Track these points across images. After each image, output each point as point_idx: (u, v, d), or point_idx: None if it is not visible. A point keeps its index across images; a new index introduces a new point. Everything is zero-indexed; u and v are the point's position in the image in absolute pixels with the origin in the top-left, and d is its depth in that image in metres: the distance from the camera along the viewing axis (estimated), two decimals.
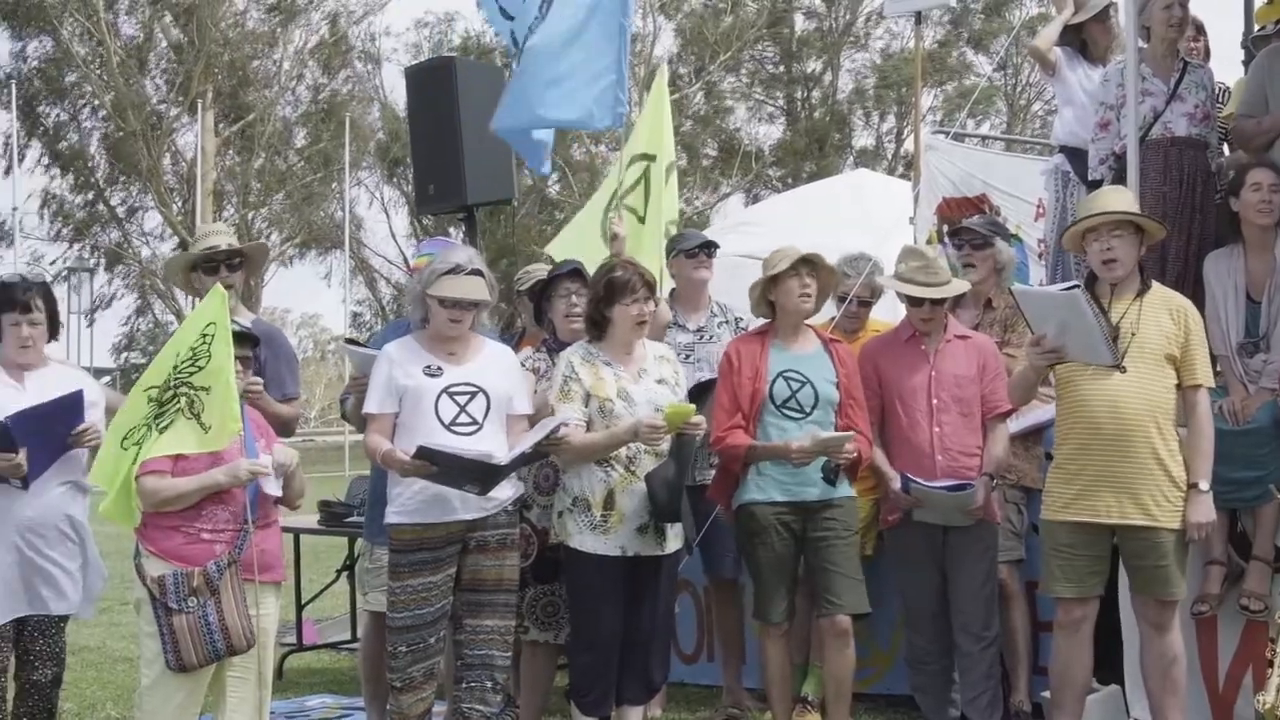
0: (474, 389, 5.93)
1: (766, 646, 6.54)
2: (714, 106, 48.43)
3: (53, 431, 6.10)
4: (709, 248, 7.55)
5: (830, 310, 7.42)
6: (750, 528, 6.45)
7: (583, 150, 44.80)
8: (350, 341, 7.44)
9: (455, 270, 5.93)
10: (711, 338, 7.34)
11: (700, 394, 6.61)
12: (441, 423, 5.83)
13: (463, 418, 5.87)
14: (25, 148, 45.41)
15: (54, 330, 6.39)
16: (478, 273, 6.00)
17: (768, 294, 6.54)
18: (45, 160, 46.69)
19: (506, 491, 5.99)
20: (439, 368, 5.93)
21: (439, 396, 5.88)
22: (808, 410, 6.40)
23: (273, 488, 5.74)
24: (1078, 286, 5.94)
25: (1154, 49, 7.41)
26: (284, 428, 6.66)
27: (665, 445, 6.10)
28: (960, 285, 6.67)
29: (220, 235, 7.03)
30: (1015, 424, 6.71)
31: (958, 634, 6.46)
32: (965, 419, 6.48)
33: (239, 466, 5.51)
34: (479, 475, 5.78)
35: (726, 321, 7.48)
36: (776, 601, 6.44)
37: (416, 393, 5.89)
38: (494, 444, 5.85)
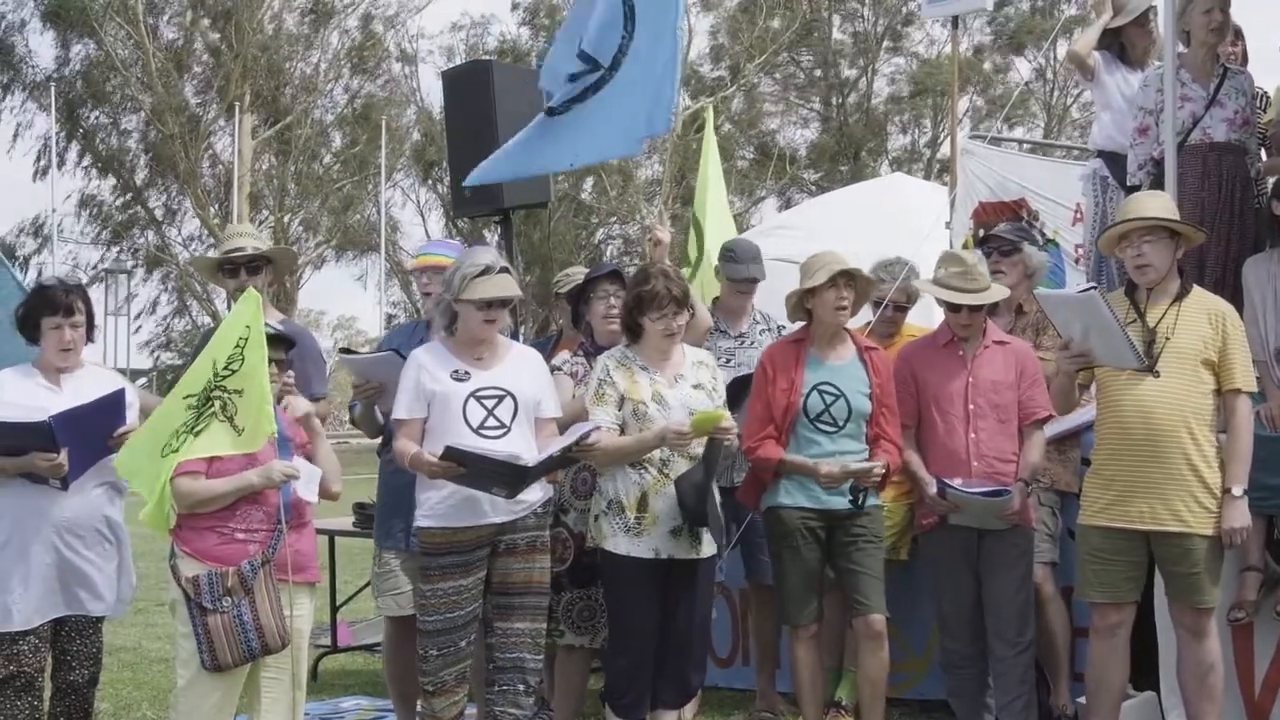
0: (502, 392, 5.95)
1: (796, 650, 6.54)
2: (752, 110, 48.43)
3: (93, 432, 6.14)
4: (754, 282, 7.54)
5: (866, 314, 7.41)
6: (777, 531, 6.47)
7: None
8: (345, 351, 7.44)
9: (485, 272, 5.95)
10: (753, 344, 7.33)
11: (739, 390, 6.62)
12: (469, 426, 5.85)
13: (490, 421, 5.89)
14: (65, 150, 45.80)
15: (90, 333, 6.44)
16: (505, 270, 6.03)
17: (805, 301, 6.55)
18: (85, 163, 47.05)
19: (535, 494, 6.01)
20: (466, 372, 5.96)
21: (466, 400, 5.90)
22: (840, 424, 6.40)
23: (307, 493, 5.76)
24: (1094, 288, 5.91)
25: (1193, 54, 7.37)
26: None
27: (700, 448, 6.11)
28: (999, 291, 6.63)
29: (244, 238, 7.03)
30: (1052, 427, 6.67)
31: (992, 639, 6.43)
32: (1002, 425, 6.45)
33: (272, 468, 5.53)
34: (507, 477, 5.78)
35: (769, 329, 7.48)
36: (804, 605, 6.45)
37: (444, 397, 5.91)
38: (522, 447, 5.86)
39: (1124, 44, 8.41)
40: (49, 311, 6.24)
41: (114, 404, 6.20)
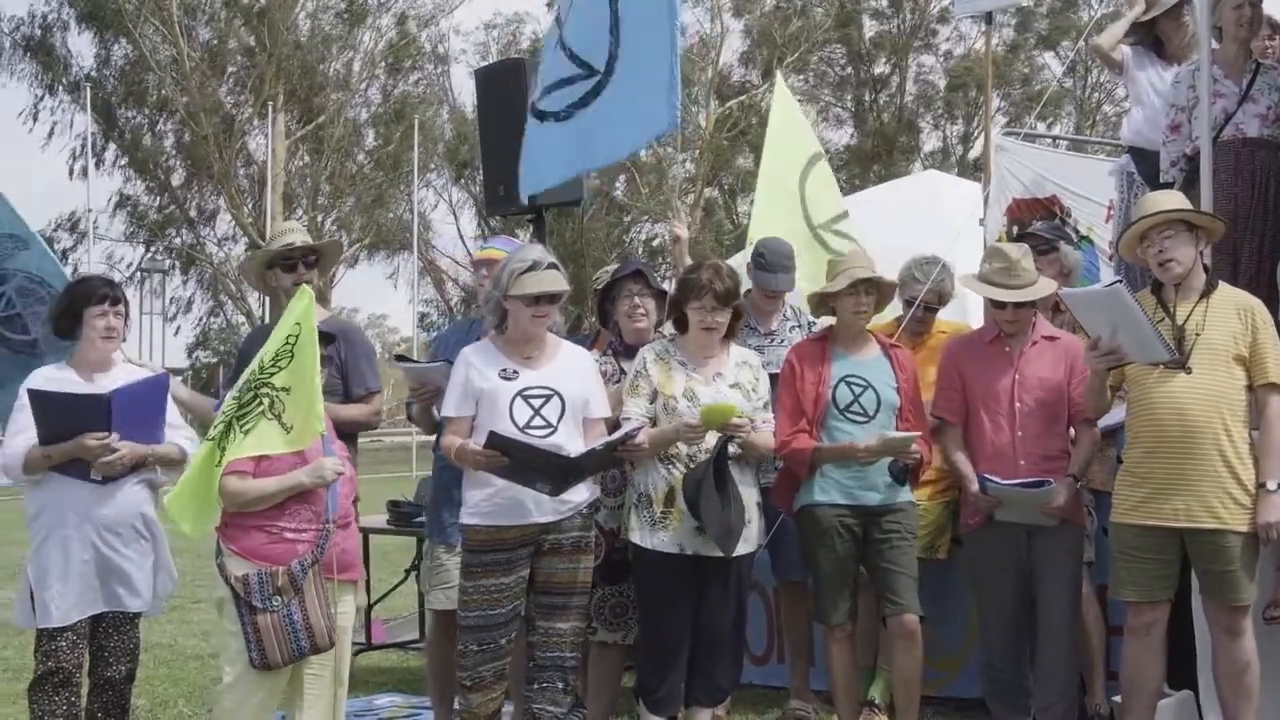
0: (549, 392, 5.96)
1: (830, 648, 6.55)
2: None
3: (141, 416, 6.17)
4: (779, 293, 7.52)
5: (897, 308, 7.40)
6: (812, 529, 6.46)
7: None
8: (399, 358, 7.45)
9: (533, 268, 5.96)
10: (783, 341, 7.30)
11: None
12: (516, 425, 5.85)
13: (537, 420, 5.90)
14: (102, 150, 46.13)
15: (125, 329, 6.48)
16: (553, 266, 6.04)
17: (827, 300, 6.57)
18: (121, 162, 47.35)
19: (581, 495, 6.02)
20: (514, 371, 5.97)
21: (514, 399, 5.91)
22: (871, 414, 6.41)
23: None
24: (1120, 282, 5.87)
25: (1226, 49, 7.34)
26: (362, 427, 6.72)
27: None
28: (1045, 287, 6.53)
29: (296, 233, 7.06)
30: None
31: (1043, 638, 6.34)
32: (1049, 423, 6.38)
33: (322, 466, 5.54)
34: (551, 471, 5.79)
35: (799, 325, 7.44)
36: (838, 603, 6.45)
37: (492, 395, 5.93)
38: (568, 445, 5.87)
39: (1159, 38, 8.36)
40: (93, 300, 6.28)
41: (161, 386, 6.28)
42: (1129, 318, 5.68)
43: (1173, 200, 6.04)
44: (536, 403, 5.93)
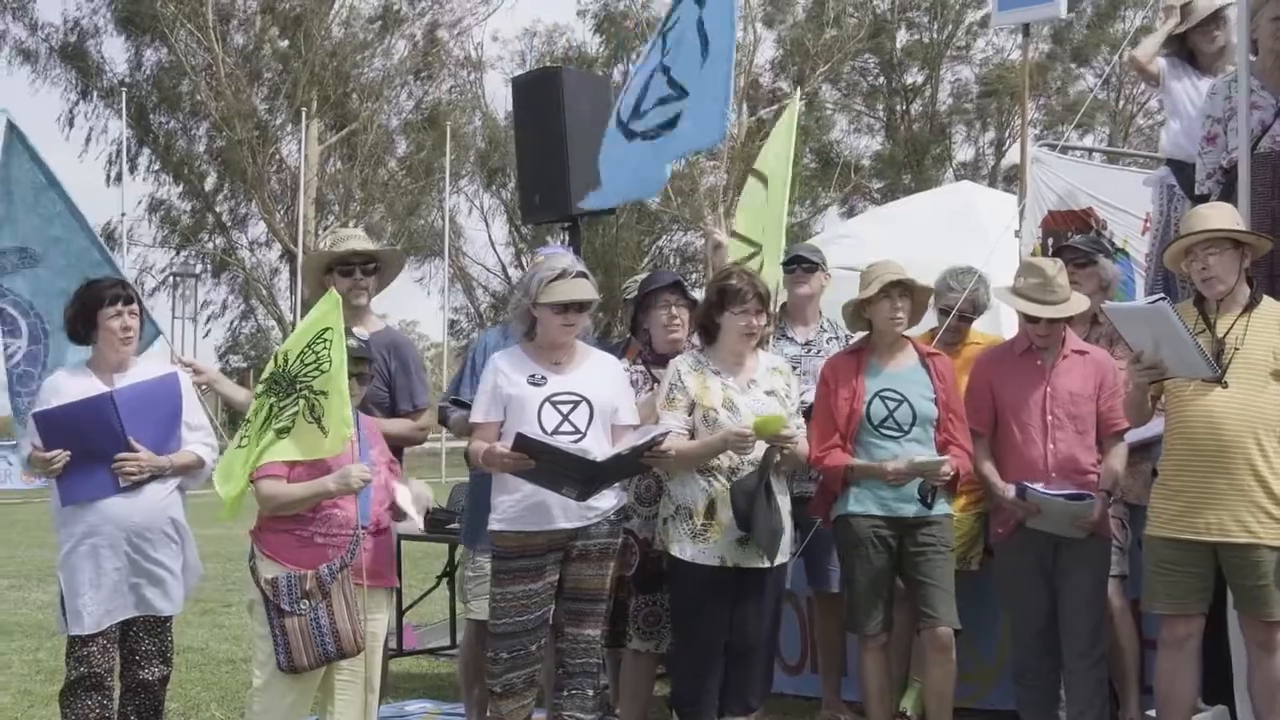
0: (577, 398, 5.98)
1: (864, 658, 6.54)
2: (814, 119, 48.41)
3: (154, 416, 6.20)
4: (800, 262, 7.51)
5: (931, 320, 7.39)
6: (847, 540, 6.47)
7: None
8: (455, 403, 7.19)
9: (562, 276, 5.99)
10: (819, 352, 7.29)
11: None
12: (544, 431, 5.86)
13: (565, 426, 5.91)
14: (136, 155, 46.40)
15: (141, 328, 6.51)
16: (582, 274, 6.07)
17: (862, 311, 6.56)
18: (155, 167, 47.60)
19: (609, 501, 6.03)
20: (543, 377, 5.99)
21: (542, 405, 5.93)
22: (905, 429, 6.40)
23: (411, 511, 5.83)
24: (1164, 299, 5.85)
25: (1262, 61, 7.28)
26: (407, 442, 6.71)
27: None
28: (1079, 303, 6.52)
29: (357, 239, 7.07)
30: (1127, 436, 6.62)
31: (1066, 650, 6.36)
32: (1080, 436, 6.38)
33: (349, 474, 5.55)
34: (577, 476, 5.80)
35: (835, 337, 7.42)
36: (872, 613, 6.44)
37: (520, 401, 5.94)
38: (595, 451, 5.86)
39: (1191, 52, 8.33)
40: (106, 303, 6.30)
41: (171, 384, 6.33)
42: (1172, 334, 5.66)
43: (1221, 216, 5.99)
44: (565, 408, 5.95)
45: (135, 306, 6.39)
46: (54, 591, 6.48)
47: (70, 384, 6.29)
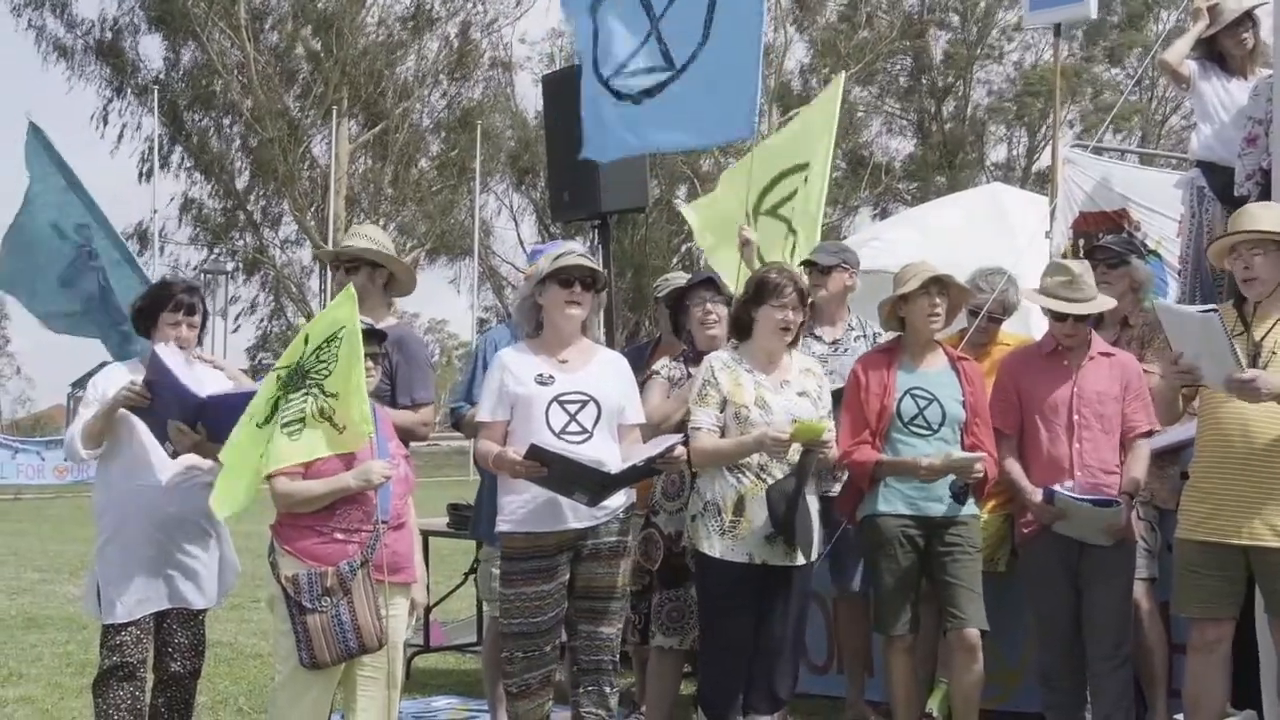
0: (585, 398, 5.96)
1: (890, 659, 6.53)
2: (846, 120, 48.37)
3: (227, 424, 6.22)
4: (812, 265, 7.44)
5: (961, 322, 7.37)
6: (875, 540, 6.46)
7: (710, 162, 44.87)
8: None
9: (568, 254, 6.02)
10: (847, 350, 7.26)
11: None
12: (551, 431, 5.85)
13: (573, 426, 5.90)
14: (169, 153, 46.61)
15: (201, 335, 6.52)
16: (586, 257, 6.09)
17: (898, 310, 6.55)
18: (187, 165, 47.82)
19: (618, 500, 6.02)
20: (550, 376, 5.97)
21: (549, 405, 5.91)
22: (935, 427, 6.40)
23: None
24: (1215, 311, 5.81)
25: None
26: (408, 435, 6.69)
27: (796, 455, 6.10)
28: (1106, 302, 6.54)
29: (355, 238, 7.06)
30: (1154, 441, 6.60)
31: (1090, 652, 6.35)
32: (1106, 436, 6.37)
33: (370, 470, 5.52)
34: (589, 484, 5.79)
35: (864, 335, 7.39)
36: (899, 614, 6.43)
37: (527, 400, 5.93)
38: (605, 453, 5.86)
39: (1220, 54, 8.29)
40: (171, 308, 6.31)
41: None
42: (1215, 348, 5.59)
43: (1271, 216, 5.94)
44: (572, 408, 5.93)
45: (197, 319, 6.39)
46: (86, 582, 6.51)
47: (127, 379, 6.24)
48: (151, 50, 60.82)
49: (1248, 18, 8.11)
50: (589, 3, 7.88)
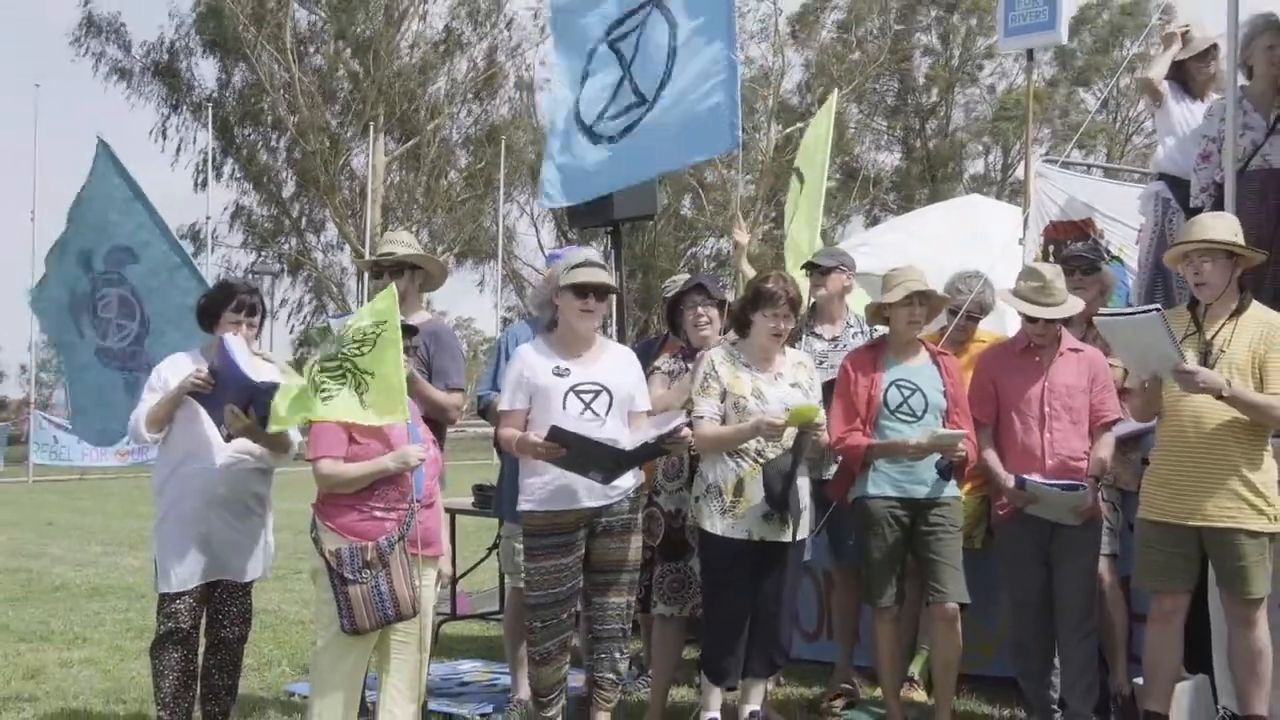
0: (598, 388, 6.04)
1: (877, 628, 6.56)
2: (838, 135, 48.34)
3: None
4: (812, 268, 7.46)
5: (941, 320, 7.38)
6: (864, 519, 6.48)
7: (715, 174, 44.88)
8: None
9: (583, 265, 6.06)
10: (845, 347, 7.24)
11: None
12: (569, 417, 5.92)
13: (587, 414, 5.98)
14: (221, 165, 46.78)
15: (259, 334, 6.56)
16: (600, 266, 6.14)
17: (883, 311, 6.57)
18: (238, 175, 47.98)
19: (628, 481, 6.10)
20: (566, 368, 6.04)
21: (566, 394, 5.99)
22: (919, 415, 6.43)
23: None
24: (1158, 309, 5.82)
25: (1255, 85, 7.25)
26: (441, 413, 6.71)
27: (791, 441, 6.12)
28: (1075, 305, 6.55)
29: (390, 244, 7.06)
30: (1117, 429, 6.60)
31: (1059, 625, 6.37)
32: (1075, 426, 6.39)
33: (407, 453, 5.55)
34: (605, 462, 5.86)
35: (862, 333, 7.37)
36: (885, 587, 6.46)
37: (545, 391, 6.00)
38: (618, 436, 5.96)
39: (1185, 78, 8.29)
40: (233, 308, 6.35)
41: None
42: (1158, 342, 5.65)
43: (1223, 227, 5.96)
44: (587, 397, 6.01)
45: (256, 319, 6.42)
46: (144, 557, 6.54)
47: (185, 370, 6.26)
48: (206, 71, 60.89)
49: (1214, 48, 8.13)
50: (580, 76, 7.88)
